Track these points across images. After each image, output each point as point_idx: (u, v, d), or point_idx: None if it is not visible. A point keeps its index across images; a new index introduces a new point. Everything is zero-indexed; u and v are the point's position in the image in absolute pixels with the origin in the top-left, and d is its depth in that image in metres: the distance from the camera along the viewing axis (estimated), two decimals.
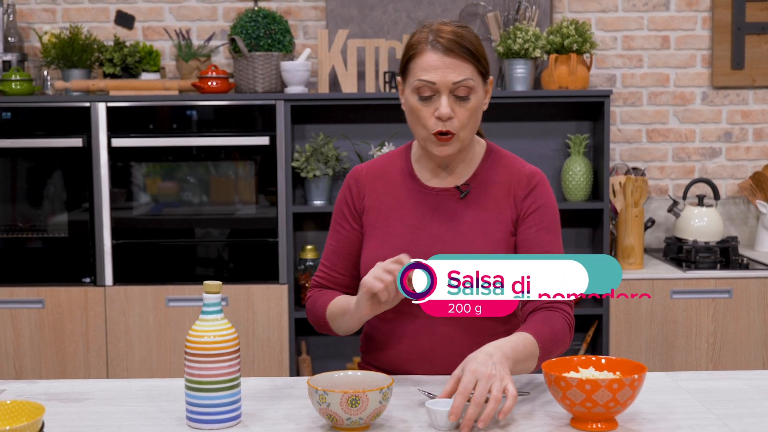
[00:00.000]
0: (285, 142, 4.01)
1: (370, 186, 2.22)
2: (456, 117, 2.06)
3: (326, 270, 2.25)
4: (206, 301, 1.79)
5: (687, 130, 4.52)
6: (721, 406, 1.91)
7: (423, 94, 2.06)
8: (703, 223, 4.22)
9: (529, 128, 4.39)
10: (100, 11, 4.46)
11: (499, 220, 2.16)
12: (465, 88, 2.06)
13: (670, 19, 4.46)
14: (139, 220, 4.08)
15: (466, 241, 2.12)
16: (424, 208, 2.18)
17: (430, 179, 2.20)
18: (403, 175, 2.22)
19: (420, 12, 4.35)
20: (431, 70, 2.04)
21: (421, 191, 2.19)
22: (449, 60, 2.04)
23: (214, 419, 1.77)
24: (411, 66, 2.08)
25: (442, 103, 2.05)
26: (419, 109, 2.07)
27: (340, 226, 2.24)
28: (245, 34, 4.14)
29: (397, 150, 2.29)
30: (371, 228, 2.19)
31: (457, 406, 1.70)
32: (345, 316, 2.10)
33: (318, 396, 1.72)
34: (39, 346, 4.02)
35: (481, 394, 1.71)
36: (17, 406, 1.62)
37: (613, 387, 1.70)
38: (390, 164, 2.25)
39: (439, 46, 2.04)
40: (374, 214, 2.20)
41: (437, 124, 2.06)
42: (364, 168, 2.26)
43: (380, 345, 2.21)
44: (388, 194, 2.20)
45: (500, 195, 2.17)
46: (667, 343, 4.03)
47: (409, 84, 2.09)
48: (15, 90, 4.09)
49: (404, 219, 2.17)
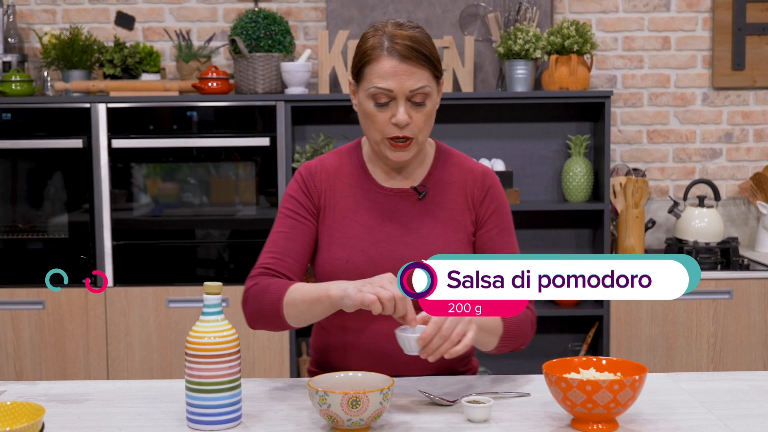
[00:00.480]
0: (285, 142, 4.01)
1: (326, 184, 2.17)
2: (412, 122, 2.04)
3: (277, 256, 2.12)
4: (207, 302, 1.79)
5: (687, 131, 4.51)
6: (722, 407, 1.91)
7: (379, 100, 2.03)
8: (704, 224, 4.22)
9: (530, 129, 4.39)
10: (100, 12, 4.46)
11: (457, 221, 2.16)
12: (422, 94, 2.04)
13: (670, 19, 4.46)
14: (139, 221, 4.08)
15: (428, 243, 2.11)
16: (381, 209, 2.15)
17: (385, 180, 2.18)
18: (358, 176, 2.18)
19: (420, 13, 4.35)
20: (388, 78, 2.01)
21: (377, 192, 2.17)
22: (406, 67, 2.01)
23: (214, 420, 1.77)
24: (366, 71, 2.04)
25: (399, 111, 2.02)
26: (375, 115, 2.05)
27: (296, 214, 2.15)
28: (245, 34, 4.14)
29: (345, 148, 2.24)
30: (329, 229, 2.14)
31: (429, 333, 1.84)
32: (318, 304, 1.96)
33: (318, 397, 1.72)
34: (39, 347, 4.02)
35: (448, 328, 1.86)
36: (17, 407, 1.62)
37: (614, 388, 1.70)
38: (342, 163, 2.20)
39: (395, 53, 2.01)
40: (331, 215, 2.15)
41: (393, 130, 2.04)
42: (318, 165, 2.20)
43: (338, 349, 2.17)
44: (345, 194, 2.16)
45: (456, 195, 2.17)
46: (667, 344, 4.03)
47: (364, 89, 2.05)
48: (15, 91, 4.09)
49: (362, 220, 2.14)
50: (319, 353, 2.26)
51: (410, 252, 2.08)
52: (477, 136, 4.38)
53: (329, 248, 2.13)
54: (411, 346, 1.88)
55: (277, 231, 2.16)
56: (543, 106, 4.36)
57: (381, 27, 2.06)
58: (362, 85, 2.06)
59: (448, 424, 1.82)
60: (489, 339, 2.01)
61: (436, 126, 4.33)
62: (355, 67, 2.08)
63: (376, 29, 2.07)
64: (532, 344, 4.41)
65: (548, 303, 4.27)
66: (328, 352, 2.21)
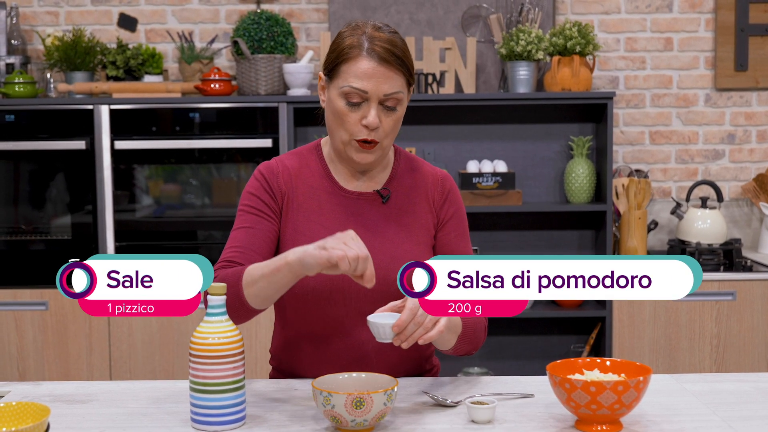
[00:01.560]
0: (288, 144, 4.01)
1: (289, 185, 2.14)
2: (381, 126, 2.03)
3: (241, 251, 2.07)
4: (211, 302, 1.79)
5: (690, 132, 4.51)
6: (726, 409, 1.91)
7: (351, 100, 2.02)
8: (707, 225, 4.22)
9: (532, 130, 4.39)
10: (102, 14, 4.47)
11: (420, 224, 2.16)
12: (394, 99, 2.03)
13: (673, 20, 4.46)
14: (141, 222, 4.08)
15: (394, 246, 2.11)
16: (346, 212, 2.13)
17: (348, 183, 2.16)
18: (320, 177, 2.15)
19: (422, 14, 4.35)
20: (365, 78, 2.00)
21: (341, 195, 2.15)
22: (383, 70, 2.00)
23: (218, 421, 1.77)
24: (342, 69, 2.02)
25: (370, 113, 2.01)
26: (345, 114, 2.03)
27: (258, 211, 2.11)
28: (248, 36, 4.14)
29: (304, 149, 2.21)
30: (293, 232, 2.11)
31: (404, 320, 1.83)
32: (278, 273, 1.89)
33: (323, 398, 1.72)
34: (42, 348, 4.02)
35: (422, 315, 1.84)
36: (23, 407, 1.62)
37: (618, 389, 1.70)
38: (303, 165, 2.17)
39: (374, 55, 2.00)
40: (294, 217, 2.12)
41: (362, 132, 2.03)
42: (279, 166, 2.16)
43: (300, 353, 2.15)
44: (307, 196, 2.13)
45: (418, 199, 2.17)
46: (670, 346, 4.03)
47: (337, 86, 2.03)
48: (18, 92, 4.09)
49: (327, 224, 2.11)
50: (278, 360, 2.23)
51: (377, 255, 2.06)
52: (479, 138, 4.38)
53: None
54: (385, 333, 1.86)
55: (239, 227, 2.11)
56: (545, 108, 4.36)
57: (360, 26, 2.05)
58: (336, 82, 2.04)
59: (451, 425, 1.82)
60: (449, 336, 1.99)
61: (439, 127, 4.35)
62: (331, 64, 2.05)
63: (355, 28, 2.05)
64: (535, 346, 4.43)
65: (550, 304, 4.27)
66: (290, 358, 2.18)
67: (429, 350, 2.23)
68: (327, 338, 2.11)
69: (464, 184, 4.14)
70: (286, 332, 2.18)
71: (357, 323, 2.08)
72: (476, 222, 4.33)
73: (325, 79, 2.09)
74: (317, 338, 2.12)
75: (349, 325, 2.09)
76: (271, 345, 2.27)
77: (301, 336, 2.14)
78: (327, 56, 2.08)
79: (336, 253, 1.78)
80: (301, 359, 2.16)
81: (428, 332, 1.86)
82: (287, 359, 2.20)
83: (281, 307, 2.17)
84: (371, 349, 2.10)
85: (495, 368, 4.35)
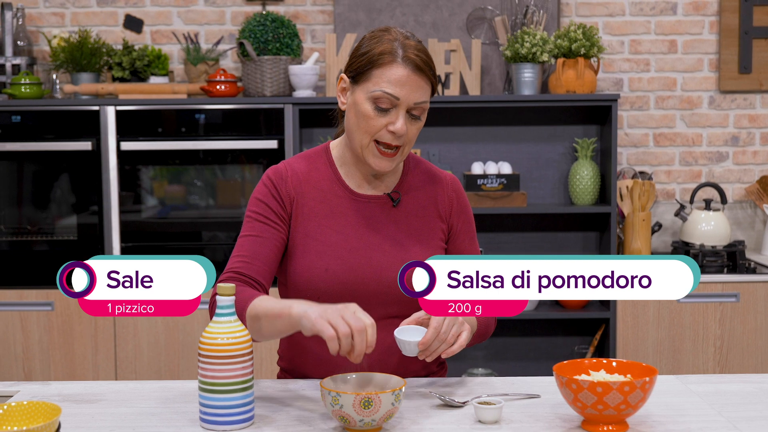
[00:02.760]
0: (293, 145, 4.03)
1: (297, 190, 2.13)
2: (406, 134, 2.05)
3: (247, 260, 2.08)
4: (220, 303, 1.80)
5: (694, 134, 4.52)
6: (731, 409, 1.92)
7: (381, 105, 2.02)
8: (710, 227, 4.23)
9: (537, 132, 4.40)
10: (108, 15, 4.48)
11: (430, 227, 2.17)
12: (421, 108, 2.05)
13: (677, 23, 4.47)
14: (147, 223, 4.09)
15: (405, 250, 2.11)
16: (357, 216, 2.13)
17: (359, 186, 2.16)
18: (330, 182, 2.15)
19: (427, 16, 4.37)
20: (398, 85, 2.00)
21: (351, 198, 2.15)
22: (416, 78, 2.01)
23: (227, 420, 1.78)
24: (374, 73, 2.02)
25: (399, 120, 2.02)
26: (371, 118, 2.03)
27: (265, 218, 2.11)
28: (253, 38, 4.16)
29: (313, 152, 2.20)
30: (303, 237, 2.11)
31: (428, 338, 1.90)
32: (278, 320, 1.90)
33: (331, 398, 1.73)
34: (48, 348, 4.03)
35: (445, 332, 1.92)
36: (34, 406, 1.63)
37: (624, 389, 1.71)
38: (312, 168, 2.17)
39: (410, 63, 2.01)
40: (304, 222, 2.11)
41: (386, 136, 2.04)
42: (287, 170, 2.15)
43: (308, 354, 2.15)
44: (318, 201, 2.13)
45: (426, 202, 2.18)
46: (674, 347, 4.04)
47: (367, 90, 2.03)
48: (24, 93, 4.11)
49: (338, 228, 2.12)
50: (288, 360, 2.24)
51: (388, 259, 2.08)
52: (484, 139, 4.39)
53: (305, 256, 2.10)
54: (411, 349, 1.94)
55: (246, 235, 2.11)
56: (550, 110, 4.37)
57: (392, 33, 2.05)
58: (365, 85, 2.03)
59: (458, 425, 1.83)
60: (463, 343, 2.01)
61: (444, 129, 4.36)
62: (361, 68, 2.04)
63: (387, 32, 2.06)
64: (539, 347, 4.44)
65: (554, 305, 4.28)
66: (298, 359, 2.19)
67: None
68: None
69: (469, 186, 4.15)
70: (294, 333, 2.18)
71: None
72: (481, 223, 4.33)
73: (349, 81, 2.08)
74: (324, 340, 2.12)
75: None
76: (279, 346, 2.28)
77: (309, 337, 2.15)
78: (354, 59, 2.07)
79: (328, 332, 1.77)
80: (309, 360, 2.16)
81: (451, 347, 1.94)
82: (295, 360, 2.20)
83: None
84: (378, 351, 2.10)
85: (499, 369, 4.36)
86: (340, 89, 2.11)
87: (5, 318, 4.03)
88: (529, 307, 4.18)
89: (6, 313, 4.03)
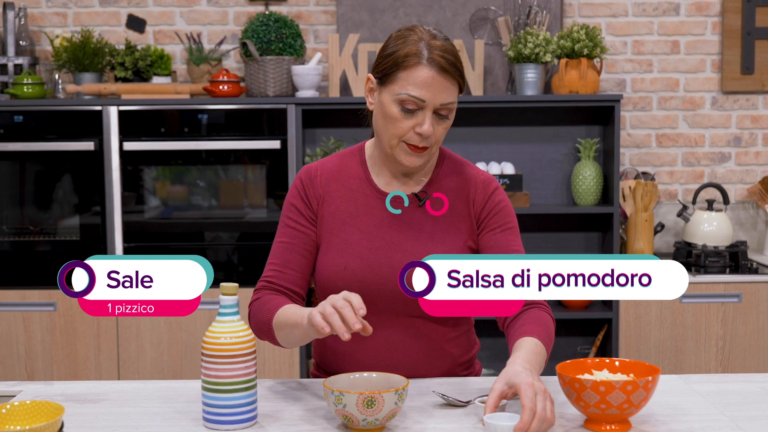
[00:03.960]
0: (296, 146, 4.03)
1: (325, 189, 2.15)
2: (434, 134, 2.04)
3: (278, 268, 2.13)
4: (223, 302, 1.80)
5: (696, 135, 4.52)
6: (734, 409, 1.92)
7: (407, 107, 2.01)
8: (713, 228, 4.23)
9: (539, 132, 4.40)
10: (111, 15, 4.49)
11: (457, 228, 2.14)
12: (448, 109, 2.04)
13: (680, 24, 4.47)
14: (149, 223, 4.10)
15: (426, 250, 2.10)
16: (381, 215, 2.13)
17: (387, 185, 2.16)
18: (359, 180, 2.16)
19: (430, 16, 4.37)
20: (423, 88, 1.99)
21: (377, 197, 2.15)
22: (442, 80, 2.00)
23: (230, 420, 1.78)
24: (400, 75, 2.01)
25: (426, 122, 2.01)
26: (398, 120, 2.03)
27: (295, 222, 2.15)
28: (256, 38, 4.16)
29: (348, 151, 2.22)
30: (328, 235, 2.13)
31: (526, 421, 1.67)
32: (295, 329, 1.96)
33: (334, 397, 1.74)
34: (50, 348, 4.04)
35: (544, 409, 1.70)
36: (37, 406, 1.63)
37: (627, 389, 1.71)
38: (343, 167, 2.18)
39: (434, 64, 2.00)
40: (330, 220, 2.13)
41: (413, 138, 2.03)
42: (318, 169, 2.18)
43: (336, 354, 2.16)
44: (345, 199, 2.15)
45: (457, 202, 2.16)
46: (676, 347, 4.04)
47: (392, 92, 2.02)
48: (27, 93, 4.11)
49: (361, 226, 2.12)
50: (319, 356, 2.25)
51: (409, 259, 2.07)
52: (487, 140, 4.39)
53: (327, 254, 2.12)
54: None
55: (279, 241, 2.16)
56: (553, 110, 4.37)
57: (419, 33, 2.04)
58: (391, 87, 2.03)
59: (461, 424, 1.83)
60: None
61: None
62: (387, 69, 2.04)
63: (413, 32, 2.04)
64: None
65: (557, 306, 4.28)
66: (328, 358, 2.20)
67: (465, 357, 2.22)
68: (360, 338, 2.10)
69: None
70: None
71: (386, 324, 2.08)
72: None
73: (376, 82, 2.07)
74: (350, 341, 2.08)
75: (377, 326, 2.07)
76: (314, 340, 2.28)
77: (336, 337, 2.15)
78: (381, 60, 2.06)
79: (318, 322, 1.80)
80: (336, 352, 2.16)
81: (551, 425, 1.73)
82: (326, 357, 2.21)
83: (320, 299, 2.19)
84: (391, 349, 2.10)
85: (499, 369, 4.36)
86: (368, 89, 2.11)
87: (8, 318, 4.03)
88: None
89: (9, 314, 4.03)
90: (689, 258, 4.25)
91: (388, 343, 2.10)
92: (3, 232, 4.11)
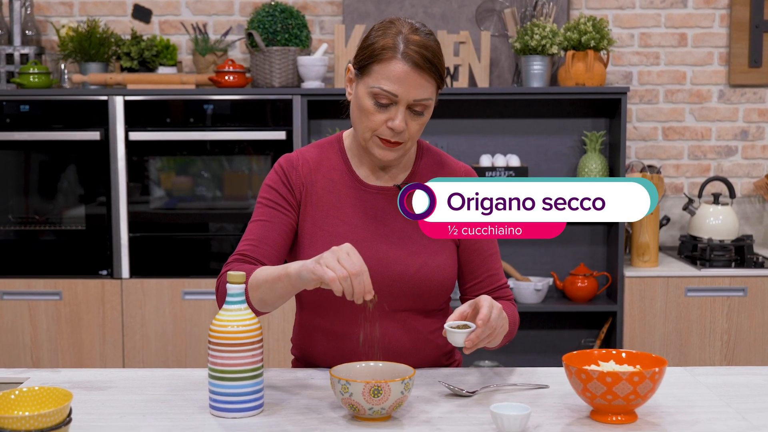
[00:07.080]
0: (301, 136, 4.03)
1: (308, 178, 2.13)
2: (407, 129, 2.02)
3: (254, 243, 2.07)
4: (230, 291, 1.80)
5: (703, 128, 4.51)
6: (740, 401, 1.92)
7: (380, 101, 2.00)
8: (719, 222, 4.22)
9: (546, 125, 4.39)
10: (117, 5, 4.48)
11: None
12: (423, 105, 2.02)
13: (687, 16, 4.46)
14: (154, 213, 4.10)
15: (412, 242, 2.10)
16: (365, 206, 2.13)
17: (369, 177, 2.15)
18: (340, 172, 2.15)
19: (436, 7, 4.36)
20: (396, 82, 1.97)
21: (360, 189, 2.14)
22: (416, 75, 1.98)
23: (237, 408, 1.79)
24: (374, 68, 1.99)
25: (398, 117, 2.00)
26: (371, 113, 2.01)
27: (276, 204, 2.11)
28: (262, 28, 4.15)
29: (326, 141, 2.20)
30: (311, 226, 2.11)
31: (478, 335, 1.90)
32: (278, 282, 1.90)
33: (341, 386, 1.74)
34: (56, 337, 4.05)
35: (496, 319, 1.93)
36: (45, 392, 1.63)
37: (633, 380, 1.71)
38: (324, 158, 2.16)
39: (408, 59, 1.97)
40: (313, 211, 2.12)
41: (387, 132, 2.02)
42: (299, 158, 2.16)
43: (316, 344, 2.16)
44: (326, 190, 2.13)
45: None
46: (681, 341, 4.04)
47: (367, 85, 2.01)
48: (33, 83, 4.11)
49: (345, 218, 2.11)
50: (299, 350, 2.24)
51: (395, 252, 2.07)
52: (492, 132, 4.39)
53: (312, 246, 2.09)
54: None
55: (255, 220, 2.11)
56: (559, 102, 4.36)
57: (397, 25, 2.02)
58: (366, 80, 2.02)
59: (467, 414, 1.84)
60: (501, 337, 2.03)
61: (452, 121, 4.36)
62: (363, 61, 2.03)
63: (390, 25, 2.03)
64: (545, 340, 4.44)
65: (561, 299, 4.28)
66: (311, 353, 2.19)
67: (449, 347, 2.23)
68: (342, 332, 2.11)
69: None
70: (305, 324, 2.19)
71: (375, 317, 2.08)
72: None
73: (355, 73, 2.06)
74: (334, 331, 2.12)
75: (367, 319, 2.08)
76: (292, 334, 2.28)
77: (318, 328, 2.15)
78: (359, 51, 2.05)
79: (328, 275, 1.77)
80: (318, 350, 2.17)
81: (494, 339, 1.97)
82: (306, 350, 2.20)
83: (300, 299, 2.18)
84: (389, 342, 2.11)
85: (506, 362, 4.36)
86: (347, 80, 2.10)
87: (13, 307, 4.04)
88: (536, 300, 4.18)
89: (14, 302, 4.04)
90: (695, 252, 4.25)
91: (377, 336, 2.10)
92: (9, 221, 4.11)
